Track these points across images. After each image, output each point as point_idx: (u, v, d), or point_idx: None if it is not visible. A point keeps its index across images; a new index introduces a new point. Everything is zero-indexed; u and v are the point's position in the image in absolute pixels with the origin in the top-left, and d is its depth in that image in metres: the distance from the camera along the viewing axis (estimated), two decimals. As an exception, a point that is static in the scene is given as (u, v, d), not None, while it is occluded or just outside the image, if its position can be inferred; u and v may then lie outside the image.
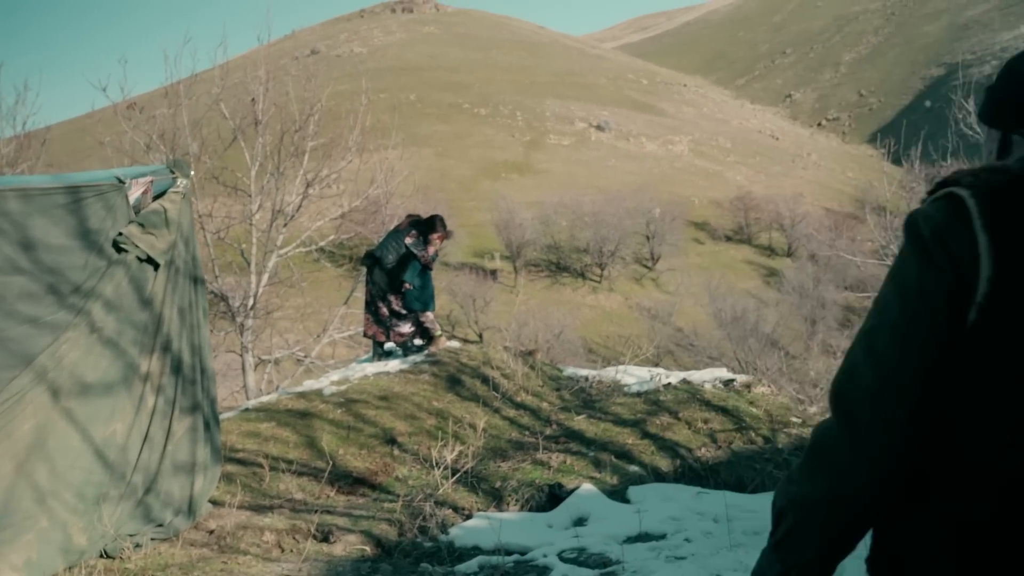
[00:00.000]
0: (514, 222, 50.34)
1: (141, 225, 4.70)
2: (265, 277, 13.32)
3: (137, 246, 4.63)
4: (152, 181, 4.99)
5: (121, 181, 4.71)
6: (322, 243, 15.04)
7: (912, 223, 1.30)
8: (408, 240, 8.70)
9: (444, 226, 9.02)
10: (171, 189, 5.08)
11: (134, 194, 4.81)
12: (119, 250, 4.59)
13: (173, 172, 5.16)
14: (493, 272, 49.31)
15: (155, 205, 4.89)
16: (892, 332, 1.28)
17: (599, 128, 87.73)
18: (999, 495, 1.20)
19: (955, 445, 1.24)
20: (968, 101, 15.14)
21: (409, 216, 9.22)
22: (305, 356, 14.33)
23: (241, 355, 13.10)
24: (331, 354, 17.60)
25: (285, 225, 13.39)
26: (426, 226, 8.91)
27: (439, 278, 45.54)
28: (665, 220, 53.07)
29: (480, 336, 39.58)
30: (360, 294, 13.87)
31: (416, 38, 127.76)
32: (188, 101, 13.32)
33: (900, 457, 1.27)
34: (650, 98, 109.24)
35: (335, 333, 14.86)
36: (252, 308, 12.91)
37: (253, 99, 13.08)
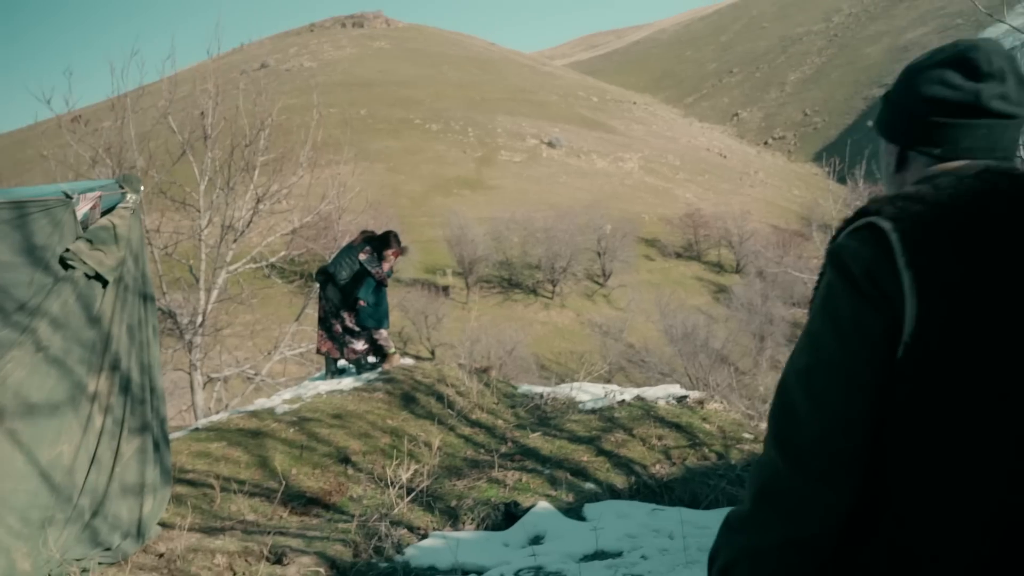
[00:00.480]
0: (466, 238, 50.35)
1: (89, 241, 4.60)
2: (214, 294, 13.11)
3: (85, 263, 4.52)
4: (101, 196, 4.89)
5: (69, 196, 4.61)
6: (273, 259, 14.85)
7: (837, 256, 1.30)
8: (362, 256, 8.64)
9: (398, 242, 8.99)
10: (120, 204, 4.98)
11: (82, 209, 4.71)
12: (66, 267, 4.49)
13: (122, 187, 5.05)
14: (445, 288, 49.21)
15: (104, 221, 4.79)
16: (831, 371, 1.27)
17: (550, 145, 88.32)
18: (940, 527, 1.20)
19: (896, 478, 1.24)
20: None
21: (363, 232, 9.16)
22: (256, 374, 14.11)
23: (189, 373, 12.86)
24: (282, 371, 17.39)
25: (235, 241, 13.20)
26: (380, 242, 8.86)
27: (391, 295, 45.44)
28: (616, 236, 53.48)
29: (432, 353, 39.44)
30: (312, 311, 13.74)
31: (367, 53, 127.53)
32: (136, 113, 13.10)
33: (850, 497, 1.26)
34: (600, 115, 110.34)
35: (286, 350, 14.68)
36: (201, 325, 12.69)
37: (202, 113, 12.90)
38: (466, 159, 79.78)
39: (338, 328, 8.73)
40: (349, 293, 8.66)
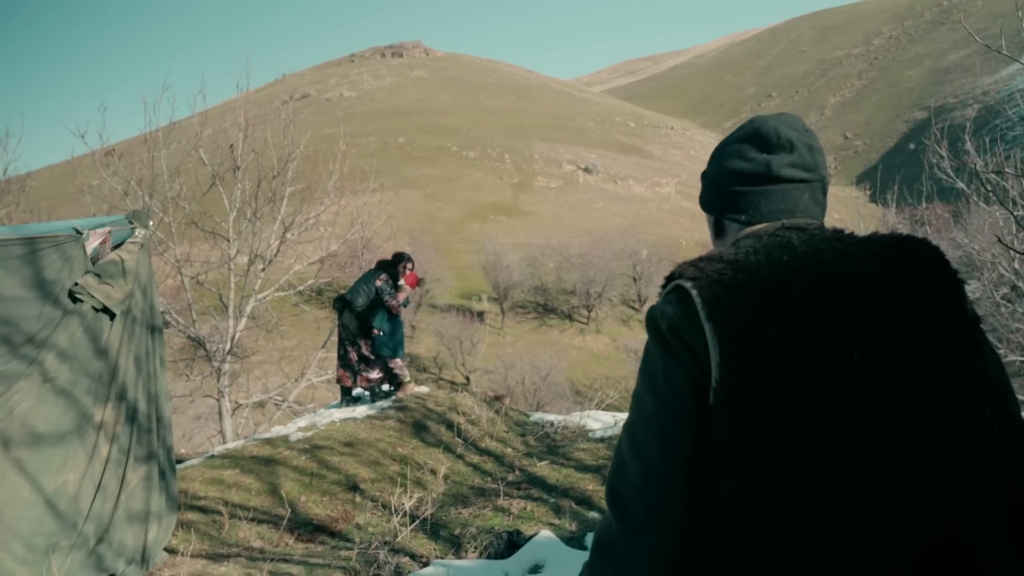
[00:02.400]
0: (501, 264, 50.49)
1: (98, 275, 4.76)
2: (243, 321, 13.33)
3: (93, 296, 4.68)
4: (110, 232, 5.07)
5: (79, 232, 4.78)
6: (301, 287, 15.06)
7: (651, 319, 1.39)
8: (378, 283, 8.77)
9: (409, 259, 9.11)
10: (129, 239, 5.15)
11: (92, 244, 4.89)
12: (75, 300, 4.65)
13: (132, 223, 5.23)
14: (480, 314, 49.31)
15: (112, 255, 4.96)
16: (649, 425, 1.35)
17: (587, 170, 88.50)
18: (762, 563, 1.25)
19: (719, 519, 1.29)
20: (941, 146, 15.35)
21: (379, 261, 9.31)
22: (282, 400, 14.29)
23: (218, 400, 13.06)
24: (311, 397, 17.57)
25: (263, 269, 13.42)
26: (392, 265, 9.01)
27: (426, 320, 45.42)
28: (652, 261, 53.29)
29: (467, 379, 39.50)
30: (337, 338, 13.92)
31: (405, 82, 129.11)
32: (173, 146, 13.43)
33: (677, 543, 1.32)
34: (637, 141, 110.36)
35: (313, 377, 14.84)
36: (229, 352, 12.90)
37: (232, 145, 13.19)
38: (502, 185, 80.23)
39: (353, 356, 8.85)
40: (365, 320, 8.78)
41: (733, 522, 1.27)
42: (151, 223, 5.42)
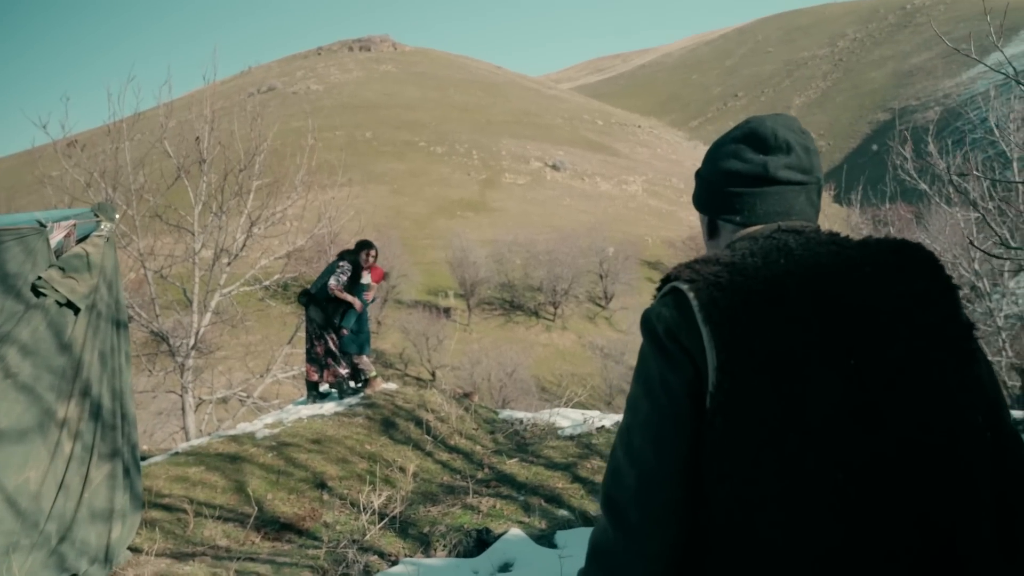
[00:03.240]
0: (468, 260, 50.43)
1: (62, 269, 4.66)
2: (208, 316, 13.17)
3: (56, 290, 4.59)
4: (75, 225, 4.97)
5: (43, 225, 4.68)
6: (267, 282, 14.91)
7: (647, 321, 1.37)
8: (339, 270, 8.69)
9: (372, 247, 9.03)
10: (95, 233, 5.05)
11: (56, 238, 4.78)
12: (38, 294, 4.54)
13: (97, 216, 5.13)
14: (447, 310, 49.25)
15: (77, 249, 4.86)
16: (644, 429, 1.33)
17: (554, 167, 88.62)
18: (762, 569, 1.24)
19: (716, 525, 1.28)
20: (905, 148, 15.54)
21: (342, 251, 9.23)
22: (247, 396, 14.14)
23: (181, 395, 12.90)
24: (276, 393, 17.41)
25: (229, 264, 13.27)
26: (354, 253, 8.93)
27: (392, 316, 45.19)
28: (619, 259, 53.55)
29: (433, 375, 39.44)
30: (303, 333, 13.79)
31: (373, 76, 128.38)
32: (138, 137, 13.21)
33: (673, 549, 1.31)
34: (605, 138, 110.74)
35: (279, 373, 14.71)
36: (193, 347, 12.75)
37: (198, 137, 13.02)
38: (470, 181, 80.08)
39: (319, 350, 8.76)
40: (332, 313, 8.69)
41: (729, 528, 1.26)
42: (116, 216, 5.31)
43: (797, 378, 1.24)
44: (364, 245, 9.03)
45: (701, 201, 1.61)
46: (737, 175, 1.50)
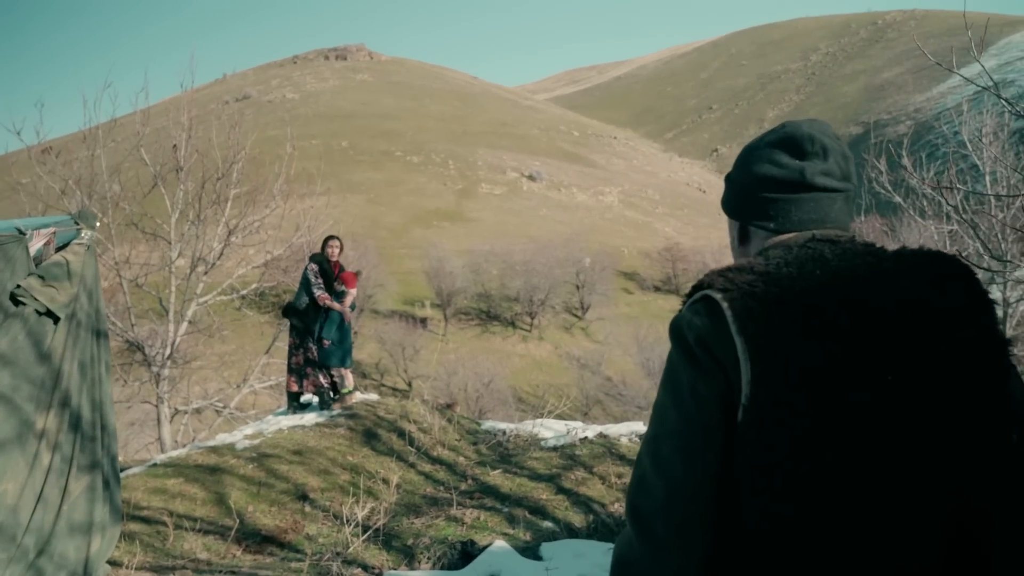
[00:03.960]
0: (444, 270, 50.34)
1: (41, 277, 4.57)
2: (184, 326, 13.02)
3: (36, 299, 4.50)
4: (55, 232, 4.88)
5: (22, 232, 4.59)
6: (244, 291, 14.77)
7: (677, 329, 1.35)
8: (309, 273, 8.62)
9: (335, 237, 8.97)
10: (75, 241, 4.96)
11: (35, 245, 4.70)
12: (16, 303, 4.45)
13: (78, 223, 5.04)
14: (423, 320, 49.08)
15: (57, 257, 4.77)
16: (673, 440, 1.30)
17: (531, 178, 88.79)
18: None
19: (747, 539, 1.26)
20: (880, 161, 15.72)
21: (311, 254, 9.17)
22: (224, 407, 13.99)
23: (156, 406, 12.73)
24: (252, 404, 17.25)
25: (206, 273, 13.14)
26: (320, 251, 8.88)
27: (368, 326, 44.95)
28: (595, 270, 53.66)
29: (409, 384, 39.25)
30: (281, 344, 13.66)
31: (349, 85, 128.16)
32: (112, 144, 13.06)
33: (699, 563, 1.29)
34: (581, 149, 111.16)
35: (256, 383, 14.57)
36: (169, 357, 12.59)
37: (175, 145, 12.90)
38: (446, 191, 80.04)
39: (299, 359, 8.67)
40: (313, 319, 8.60)
41: (760, 542, 1.24)
42: (98, 224, 5.23)
43: (833, 393, 1.22)
44: (327, 238, 8.98)
45: (732, 206, 1.57)
46: (772, 180, 1.46)
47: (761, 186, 1.48)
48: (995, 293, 18.40)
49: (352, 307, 8.87)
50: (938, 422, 1.22)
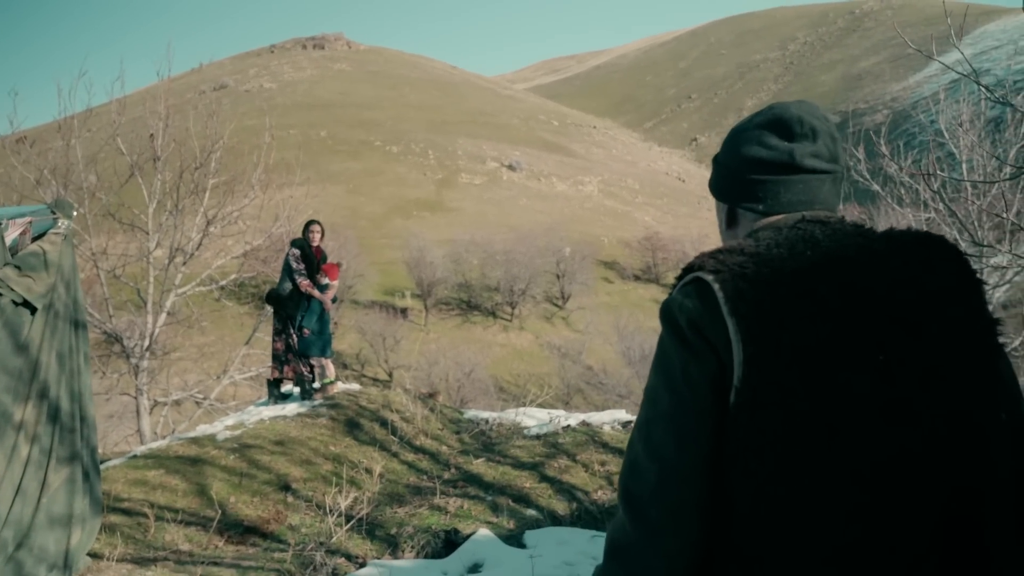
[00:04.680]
0: (425, 260, 50.18)
1: (18, 267, 4.52)
2: (163, 317, 12.92)
3: (12, 289, 4.44)
4: (31, 222, 4.82)
5: (-3, 222, 4.54)
6: (223, 282, 14.66)
7: (668, 312, 1.33)
8: (291, 259, 8.56)
9: (314, 222, 8.91)
10: (52, 230, 4.91)
11: (11, 235, 4.63)
12: (-8, 294, 4.40)
13: (54, 213, 4.98)
14: (403, 310, 48.96)
15: (34, 247, 4.71)
16: (666, 423, 1.29)
17: (511, 168, 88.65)
18: (787, 570, 1.22)
19: (740, 523, 1.26)
20: (858, 149, 15.80)
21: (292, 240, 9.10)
22: (204, 398, 13.91)
23: (136, 397, 12.63)
24: (233, 395, 17.15)
25: (184, 263, 13.04)
26: (302, 235, 8.83)
27: (348, 316, 44.82)
28: (575, 259, 53.66)
29: (390, 375, 39.19)
30: (263, 334, 13.59)
31: (327, 75, 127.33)
32: (87, 134, 12.92)
33: (694, 547, 1.28)
34: (561, 139, 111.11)
35: (236, 374, 14.49)
36: (148, 349, 12.49)
37: (152, 134, 12.77)
38: (426, 181, 79.75)
39: (279, 346, 8.62)
40: (296, 305, 8.53)
41: (754, 525, 1.23)
42: (75, 213, 5.17)
43: (826, 374, 1.21)
44: (308, 223, 8.91)
45: (720, 188, 1.56)
46: (761, 162, 1.45)
47: (750, 168, 1.47)
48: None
49: (334, 300, 8.83)
50: (930, 402, 1.23)
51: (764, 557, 1.23)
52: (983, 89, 6.10)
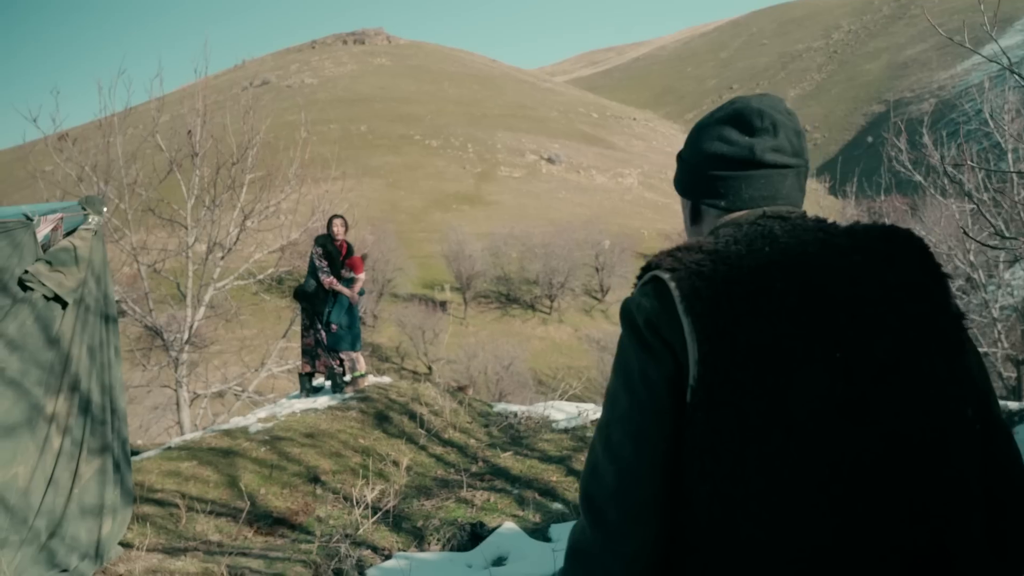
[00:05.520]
0: (464, 253, 50.36)
1: (49, 263, 4.61)
2: (201, 310, 13.11)
3: (44, 284, 4.54)
4: (62, 218, 4.92)
5: (29, 218, 4.63)
6: (261, 276, 14.84)
7: (627, 312, 1.32)
8: (315, 257, 8.64)
9: (338, 216, 8.96)
10: (82, 226, 5.00)
11: (43, 231, 4.73)
12: (25, 288, 4.49)
13: (85, 209, 5.08)
14: (443, 304, 49.19)
15: (65, 242, 4.81)
16: (624, 425, 1.27)
17: (550, 160, 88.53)
18: (746, 569, 1.20)
19: (699, 523, 1.23)
20: (900, 139, 15.52)
21: (316, 236, 9.18)
22: (242, 391, 14.10)
23: (176, 390, 12.84)
24: (271, 387, 17.37)
25: (222, 257, 13.21)
26: (325, 233, 8.90)
27: (388, 310, 45.06)
28: (614, 252, 53.46)
29: (429, 368, 39.39)
30: (297, 328, 13.74)
31: (368, 69, 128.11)
32: (130, 131, 13.13)
33: (653, 548, 1.26)
34: (600, 131, 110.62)
35: (273, 367, 14.66)
36: (187, 342, 12.69)
37: (190, 131, 12.94)
38: (465, 175, 80.00)
39: (309, 341, 8.72)
40: (322, 301, 8.61)
41: (711, 527, 1.21)
42: (105, 209, 5.27)
43: (782, 372, 1.19)
44: (331, 218, 8.97)
45: (683, 185, 1.54)
46: (722, 158, 1.43)
47: (711, 164, 1.45)
48: (1019, 271, 18.22)
49: (361, 292, 8.89)
50: (889, 400, 1.20)
51: (722, 559, 1.21)
52: (1019, 79, 5.96)
